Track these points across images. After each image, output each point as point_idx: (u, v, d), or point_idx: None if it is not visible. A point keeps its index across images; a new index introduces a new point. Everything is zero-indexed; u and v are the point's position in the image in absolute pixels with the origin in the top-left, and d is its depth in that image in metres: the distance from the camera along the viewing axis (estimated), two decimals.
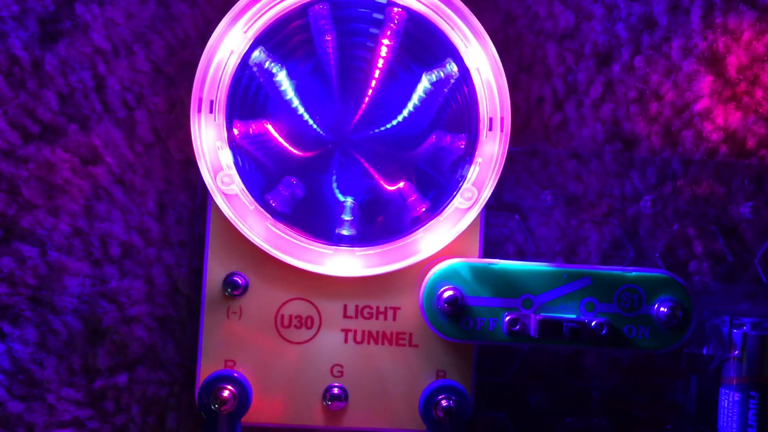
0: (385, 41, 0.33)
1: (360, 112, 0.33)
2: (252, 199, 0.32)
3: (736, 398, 0.33)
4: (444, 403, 0.32)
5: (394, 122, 0.33)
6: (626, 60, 0.36)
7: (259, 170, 0.33)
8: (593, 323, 0.32)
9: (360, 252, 0.32)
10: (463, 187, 0.32)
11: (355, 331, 0.33)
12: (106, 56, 0.35)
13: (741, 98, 0.36)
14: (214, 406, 0.32)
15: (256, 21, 0.32)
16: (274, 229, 0.32)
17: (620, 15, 0.36)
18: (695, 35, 0.36)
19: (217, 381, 0.32)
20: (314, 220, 0.33)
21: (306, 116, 0.33)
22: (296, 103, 0.33)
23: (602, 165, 0.36)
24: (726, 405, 0.33)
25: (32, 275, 0.34)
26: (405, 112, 0.33)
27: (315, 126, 0.33)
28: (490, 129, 0.33)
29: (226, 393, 0.32)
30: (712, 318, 0.34)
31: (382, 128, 0.33)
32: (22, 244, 0.34)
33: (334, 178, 0.33)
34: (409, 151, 0.33)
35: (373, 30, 0.33)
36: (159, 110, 0.35)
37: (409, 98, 0.33)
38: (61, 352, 0.34)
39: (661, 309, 0.32)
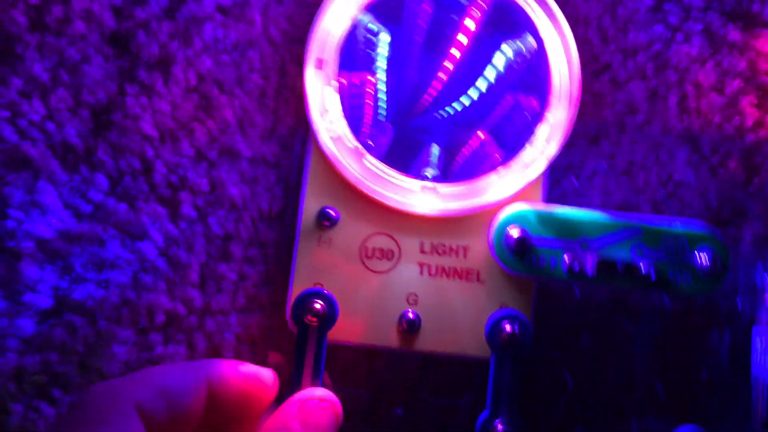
0: (474, 13, 0.38)
1: (450, 74, 0.38)
2: (352, 139, 0.37)
3: None
4: (508, 328, 0.36)
5: (478, 84, 0.38)
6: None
7: (358, 115, 0.38)
8: (643, 267, 0.36)
9: (441, 191, 0.37)
10: (534, 141, 0.37)
11: (430, 266, 0.38)
12: (153, 143, 0.39)
13: None
14: (307, 316, 0.36)
15: None
16: (369, 165, 0.37)
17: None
18: None
19: (310, 296, 0.36)
20: (403, 162, 0.38)
21: (402, 73, 0.38)
22: (392, 62, 0.38)
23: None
24: (759, 345, 0.37)
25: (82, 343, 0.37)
26: (487, 76, 0.38)
27: (408, 82, 0.38)
28: (561, 95, 0.37)
29: (317, 306, 0.36)
30: (746, 275, 0.38)
31: (468, 89, 0.38)
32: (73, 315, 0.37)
33: (424, 125, 0.38)
34: (490, 108, 0.38)
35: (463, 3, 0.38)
36: (201, 191, 0.39)
37: (489, 63, 0.38)
38: None
39: (703, 257, 0.36)
